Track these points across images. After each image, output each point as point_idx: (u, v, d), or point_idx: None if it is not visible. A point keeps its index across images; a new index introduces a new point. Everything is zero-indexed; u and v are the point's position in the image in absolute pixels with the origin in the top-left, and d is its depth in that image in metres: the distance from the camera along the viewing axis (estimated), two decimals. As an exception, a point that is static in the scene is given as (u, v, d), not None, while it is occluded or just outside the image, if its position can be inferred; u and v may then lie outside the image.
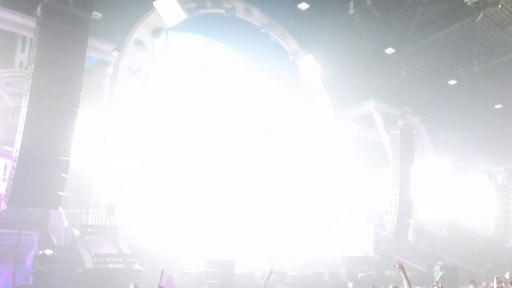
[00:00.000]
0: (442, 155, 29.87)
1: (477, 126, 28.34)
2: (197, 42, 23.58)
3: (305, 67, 24.14)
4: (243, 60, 25.11)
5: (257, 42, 24.27)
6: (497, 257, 23.99)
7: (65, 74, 13.50)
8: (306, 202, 23.88)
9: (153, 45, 19.17)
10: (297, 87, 25.42)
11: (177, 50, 21.94)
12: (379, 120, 25.96)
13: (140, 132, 18.48)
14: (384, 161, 27.01)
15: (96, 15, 16.34)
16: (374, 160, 28.98)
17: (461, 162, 31.37)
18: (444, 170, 29.94)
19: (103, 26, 17.50)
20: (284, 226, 22.17)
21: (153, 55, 19.50)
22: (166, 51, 20.68)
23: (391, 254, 22.01)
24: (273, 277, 14.92)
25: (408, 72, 25.94)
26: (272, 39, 23.80)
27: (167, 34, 20.25)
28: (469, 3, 19.00)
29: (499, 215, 29.25)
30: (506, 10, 20.26)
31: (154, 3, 18.31)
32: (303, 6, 21.16)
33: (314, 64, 23.89)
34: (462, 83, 25.94)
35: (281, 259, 19.50)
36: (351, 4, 21.50)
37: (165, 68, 21.03)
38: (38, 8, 13.65)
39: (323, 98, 25.56)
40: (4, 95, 15.78)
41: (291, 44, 24.18)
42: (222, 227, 19.48)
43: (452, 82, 26.02)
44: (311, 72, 24.19)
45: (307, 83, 24.91)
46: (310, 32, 24.11)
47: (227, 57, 24.66)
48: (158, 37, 19.15)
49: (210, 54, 24.12)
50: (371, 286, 8.96)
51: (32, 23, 14.71)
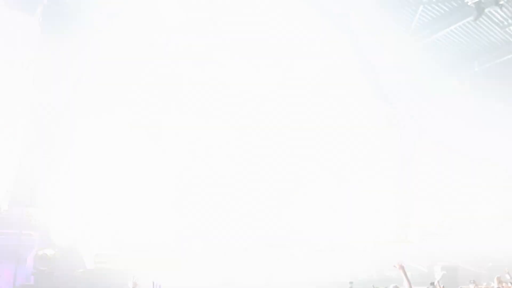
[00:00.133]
0: (443, 155, 29.82)
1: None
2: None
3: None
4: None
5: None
6: (498, 257, 23.93)
7: (66, 74, 13.52)
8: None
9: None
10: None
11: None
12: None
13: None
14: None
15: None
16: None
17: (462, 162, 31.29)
18: (445, 169, 29.93)
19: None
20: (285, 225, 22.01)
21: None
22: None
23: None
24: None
25: (409, 72, 25.93)
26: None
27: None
28: (469, 3, 18.95)
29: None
30: (507, 10, 20.22)
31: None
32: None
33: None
34: (463, 83, 25.89)
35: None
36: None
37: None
38: (39, 8, 13.67)
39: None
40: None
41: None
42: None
43: (452, 82, 25.97)
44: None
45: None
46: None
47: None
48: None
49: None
50: (371, 286, 8.94)
51: (33, 23, 14.70)
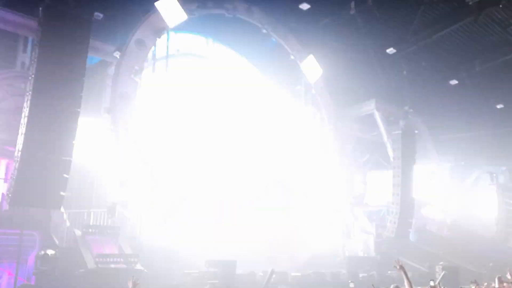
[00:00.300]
0: (443, 155, 29.82)
1: (478, 126, 28.24)
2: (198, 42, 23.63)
3: (307, 67, 24.17)
4: (244, 60, 25.21)
5: (258, 43, 24.31)
6: (498, 257, 23.92)
7: (67, 74, 13.51)
8: (307, 202, 23.91)
9: (155, 45, 19.23)
10: (298, 87, 25.50)
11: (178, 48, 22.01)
12: (380, 120, 25.95)
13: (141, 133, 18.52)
14: (385, 161, 26.99)
15: (98, 15, 16.41)
16: (375, 160, 28.98)
17: (462, 162, 31.31)
18: (446, 170, 29.93)
19: (104, 27, 17.49)
20: (286, 225, 22.23)
21: (154, 56, 19.60)
22: (168, 51, 20.79)
23: (392, 254, 21.92)
24: (274, 277, 14.97)
25: (410, 72, 25.93)
26: (274, 39, 23.83)
27: (168, 34, 20.30)
28: (470, 3, 18.95)
29: (501, 215, 29.24)
30: (508, 10, 20.21)
31: (155, 3, 18.32)
32: (304, 6, 21.10)
33: (315, 64, 23.92)
34: (464, 83, 25.88)
35: (283, 259, 19.49)
36: (352, 4, 21.50)
37: (166, 67, 21.02)
38: (40, 8, 13.69)
39: (325, 98, 25.55)
40: (6, 95, 15.83)
41: (292, 44, 24.14)
42: (224, 227, 19.50)
43: (453, 82, 25.97)
44: (313, 72, 24.21)
45: (308, 83, 24.92)
46: (311, 32, 24.05)
47: (228, 57, 24.74)
48: (160, 38, 19.19)
49: (211, 54, 24.19)
50: (372, 286, 8.93)
51: (34, 23, 14.70)
